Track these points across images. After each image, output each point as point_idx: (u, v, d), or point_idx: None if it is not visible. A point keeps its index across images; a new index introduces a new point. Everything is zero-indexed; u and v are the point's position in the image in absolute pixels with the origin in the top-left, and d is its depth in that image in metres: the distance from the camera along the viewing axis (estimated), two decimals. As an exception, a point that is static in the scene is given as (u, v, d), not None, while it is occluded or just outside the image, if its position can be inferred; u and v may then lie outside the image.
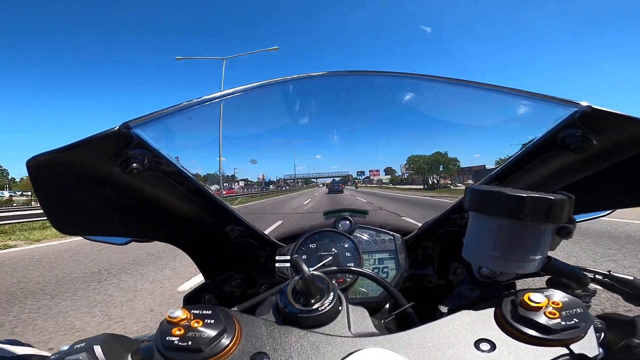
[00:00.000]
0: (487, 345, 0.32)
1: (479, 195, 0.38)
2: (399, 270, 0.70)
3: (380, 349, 0.31)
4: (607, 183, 0.55)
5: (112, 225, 0.59)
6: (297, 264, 0.39)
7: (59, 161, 0.41)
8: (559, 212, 0.34)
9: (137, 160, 0.44)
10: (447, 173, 2.87)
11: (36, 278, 4.01)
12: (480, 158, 1.05)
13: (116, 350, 0.36)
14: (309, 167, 2.01)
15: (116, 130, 0.40)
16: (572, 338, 0.31)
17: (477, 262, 0.43)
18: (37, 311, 2.90)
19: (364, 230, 0.76)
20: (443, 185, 3.23)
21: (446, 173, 2.88)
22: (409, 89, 0.61)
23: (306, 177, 1.94)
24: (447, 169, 2.78)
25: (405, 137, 1.06)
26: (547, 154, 0.51)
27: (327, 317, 0.36)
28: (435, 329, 0.34)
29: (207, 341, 0.31)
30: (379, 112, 0.82)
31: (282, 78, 0.52)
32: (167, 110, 0.43)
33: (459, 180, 2.86)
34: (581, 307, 0.34)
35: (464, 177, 2.74)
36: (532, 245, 0.36)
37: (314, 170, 2.13)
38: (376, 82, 0.62)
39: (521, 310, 0.33)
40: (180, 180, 0.54)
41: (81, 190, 0.48)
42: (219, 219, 0.68)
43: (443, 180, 3.18)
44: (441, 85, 0.52)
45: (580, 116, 0.43)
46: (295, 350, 0.32)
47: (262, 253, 0.76)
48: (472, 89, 0.49)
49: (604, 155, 0.48)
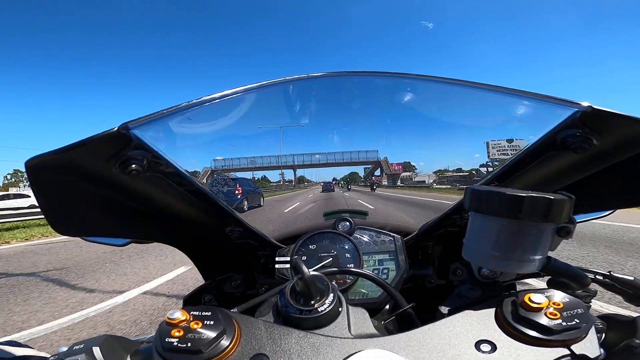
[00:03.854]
0: (487, 346, 0.32)
1: (479, 195, 0.38)
2: (399, 271, 0.69)
3: (380, 350, 0.31)
4: (608, 183, 0.55)
5: (111, 226, 0.59)
6: (297, 264, 0.39)
7: (58, 162, 0.41)
8: (559, 212, 0.34)
9: (136, 161, 0.44)
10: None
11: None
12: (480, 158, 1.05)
13: (115, 351, 0.35)
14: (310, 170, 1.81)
15: (115, 131, 0.39)
16: (573, 339, 0.31)
17: (477, 262, 0.43)
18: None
19: (364, 231, 0.75)
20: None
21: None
22: (408, 89, 0.61)
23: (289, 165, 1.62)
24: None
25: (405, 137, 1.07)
26: (547, 154, 0.51)
27: (327, 318, 0.36)
28: (435, 330, 0.34)
29: (206, 342, 0.31)
30: (379, 112, 0.82)
31: (282, 78, 0.52)
32: (166, 111, 0.43)
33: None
34: (582, 307, 0.34)
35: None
36: (532, 245, 0.36)
37: (315, 170, 1.89)
38: (376, 82, 0.62)
39: (522, 311, 0.33)
40: (180, 181, 0.54)
41: (80, 191, 0.48)
42: (218, 220, 0.68)
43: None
44: (441, 85, 0.52)
45: (580, 116, 0.42)
46: (295, 352, 0.32)
47: (262, 254, 0.76)
48: (472, 89, 0.49)
49: (604, 155, 0.48)
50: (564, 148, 0.47)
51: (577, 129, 0.45)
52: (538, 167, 0.54)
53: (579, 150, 0.45)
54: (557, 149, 0.48)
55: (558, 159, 0.51)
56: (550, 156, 0.51)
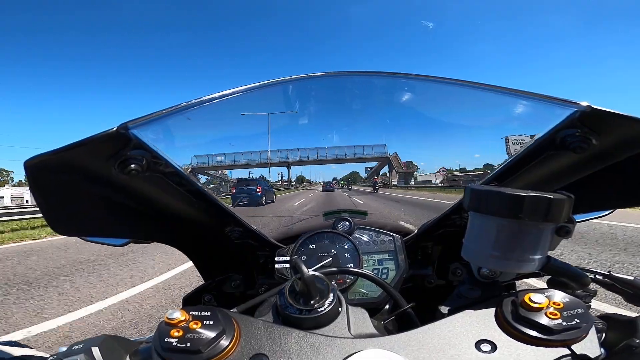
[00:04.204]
0: (488, 346, 0.32)
1: (479, 195, 0.38)
2: (398, 271, 0.69)
3: (380, 350, 0.31)
4: (607, 183, 0.55)
5: (111, 226, 0.59)
6: (296, 264, 0.39)
7: (57, 162, 0.41)
8: (558, 211, 0.34)
9: (135, 161, 0.44)
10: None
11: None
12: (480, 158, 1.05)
13: (114, 351, 0.35)
14: (311, 166, 1.69)
15: (114, 131, 0.39)
16: (574, 338, 0.31)
17: (476, 262, 0.43)
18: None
19: (364, 231, 0.75)
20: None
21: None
22: (408, 89, 0.61)
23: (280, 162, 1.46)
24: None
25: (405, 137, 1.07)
26: (546, 153, 0.51)
27: (326, 318, 0.36)
28: (435, 330, 0.34)
29: (206, 342, 0.31)
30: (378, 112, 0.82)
31: (282, 78, 0.52)
32: (165, 111, 0.42)
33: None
34: (582, 307, 0.34)
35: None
36: (531, 245, 0.36)
37: (315, 169, 1.74)
38: (375, 82, 0.62)
39: (522, 311, 0.33)
40: (179, 181, 0.54)
41: (79, 191, 0.48)
42: (218, 220, 0.68)
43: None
44: (440, 85, 0.52)
45: (580, 116, 0.43)
46: (295, 352, 0.32)
47: (262, 254, 0.76)
48: (471, 89, 0.49)
49: (603, 155, 0.48)
50: (563, 148, 0.47)
51: (576, 128, 0.45)
52: (537, 167, 0.54)
53: (578, 150, 0.46)
54: (557, 149, 0.48)
55: (557, 158, 0.51)
56: (549, 156, 0.51)
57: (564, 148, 0.47)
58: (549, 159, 0.52)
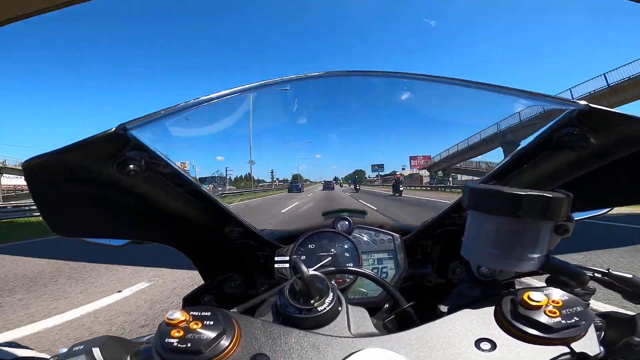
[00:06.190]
0: (487, 345, 0.32)
1: (478, 193, 0.38)
2: (398, 270, 0.69)
3: (380, 349, 0.31)
4: (606, 181, 0.55)
5: (110, 227, 0.59)
6: (296, 264, 0.39)
7: (56, 163, 0.41)
8: (557, 209, 0.34)
9: (134, 161, 0.44)
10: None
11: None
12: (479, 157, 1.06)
13: (115, 352, 0.35)
14: (311, 166, 1.67)
15: (113, 132, 0.39)
16: (573, 337, 0.31)
17: (476, 261, 0.43)
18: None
19: (363, 230, 0.75)
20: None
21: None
22: (407, 89, 0.61)
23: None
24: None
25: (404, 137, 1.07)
26: (545, 152, 0.51)
27: (326, 317, 0.36)
28: (435, 329, 0.34)
29: (206, 343, 0.31)
30: (378, 112, 0.82)
31: (279, 78, 0.52)
32: (164, 111, 0.42)
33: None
34: (581, 305, 0.34)
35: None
36: (530, 243, 0.36)
37: (314, 169, 1.73)
38: (374, 82, 0.62)
39: (521, 309, 0.33)
40: (178, 182, 0.54)
41: (78, 192, 0.48)
42: (217, 220, 0.68)
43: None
44: (439, 85, 0.52)
45: (577, 115, 0.43)
46: (295, 351, 0.32)
47: (262, 254, 0.76)
48: (469, 88, 0.49)
49: (601, 153, 0.49)
50: (562, 146, 0.47)
51: (574, 127, 0.45)
52: (536, 165, 0.54)
53: (576, 149, 0.46)
54: (555, 147, 0.48)
55: (556, 157, 0.51)
56: (548, 154, 0.51)
57: (562, 146, 0.47)
58: (548, 157, 0.52)
